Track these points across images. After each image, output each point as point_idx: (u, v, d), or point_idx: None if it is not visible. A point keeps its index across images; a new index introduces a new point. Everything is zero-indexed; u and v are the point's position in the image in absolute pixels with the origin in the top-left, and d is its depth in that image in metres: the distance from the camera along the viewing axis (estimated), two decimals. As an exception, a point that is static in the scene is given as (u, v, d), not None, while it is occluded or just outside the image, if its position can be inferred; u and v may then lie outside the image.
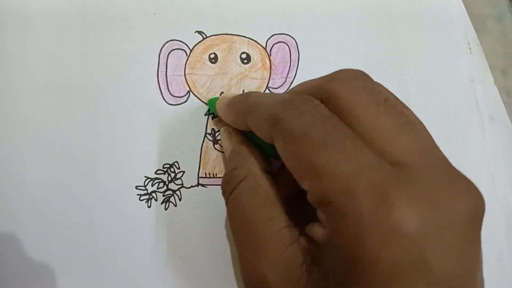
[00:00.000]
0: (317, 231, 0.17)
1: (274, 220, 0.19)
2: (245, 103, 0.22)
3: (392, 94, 0.20)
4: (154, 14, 0.31)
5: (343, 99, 0.18)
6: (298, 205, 0.20)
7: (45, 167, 0.28)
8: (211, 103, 0.28)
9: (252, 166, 0.22)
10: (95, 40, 0.30)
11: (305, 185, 0.17)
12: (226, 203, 0.22)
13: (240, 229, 0.20)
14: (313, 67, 0.31)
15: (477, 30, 0.34)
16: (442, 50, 0.33)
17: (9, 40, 0.29)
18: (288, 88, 0.31)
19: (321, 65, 0.31)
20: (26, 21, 0.30)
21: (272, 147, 0.20)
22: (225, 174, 0.23)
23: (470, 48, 0.34)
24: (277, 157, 0.22)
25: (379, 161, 0.16)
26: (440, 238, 0.15)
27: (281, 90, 0.31)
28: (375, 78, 0.32)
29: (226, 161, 0.25)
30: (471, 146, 0.32)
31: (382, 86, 0.20)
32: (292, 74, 0.31)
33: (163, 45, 0.30)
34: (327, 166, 0.16)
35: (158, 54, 0.30)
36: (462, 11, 0.34)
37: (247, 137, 0.25)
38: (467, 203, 0.15)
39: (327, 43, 0.32)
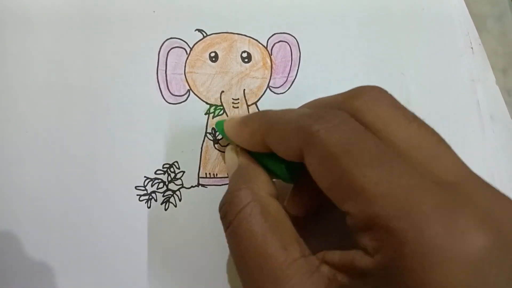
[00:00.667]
0: (361, 259, 0.15)
1: (288, 249, 0.17)
2: (263, 118, 0.21)
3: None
4: (154, 12, 0.30)
5: (371, 115, 0.17)
6: (309, 230, 0.19)
7: (45, 167, 0.27)
8: (219, 125, 0.26)
9: (259, 189, 0.20)
10: (95, 39, 0.29)
11: (348, 207, 0.16)
12: (227, 228, 0.20)
13: (248, 260, 0.18)
14: (314, 66, 0.31)
15: (477, 29, 0.34)
16: (442, 50, 0.33)
17: (9, 40, 0.29)
18: (289, 87, 0.31)
19: (322, 64, 0.31)
20: (26, 21, 0.29)
21: (283, 169, 0.19)
22: (227, 194, 0.20)
23: (472, 48, 0.34)
24: (289, 179, 0.21)
25: (430, 182, 0.15)
26: (507, 258, 0.14)
27: (282, 90, 0.30)
28: (376, 77, 0.33)
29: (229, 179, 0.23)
30: (471, 146, 0.32)
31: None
32: (293, 73, 0.31)
33: (163, 43, 0.30)
34: (378, 187, 0.15)
35: (157, 53, 0.30)
36: (463, 10, 0.34)
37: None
38: None
39: (328, 42, 0.32)
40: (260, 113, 0.22)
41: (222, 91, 0.30)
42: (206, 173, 0.28)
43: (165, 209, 0.28)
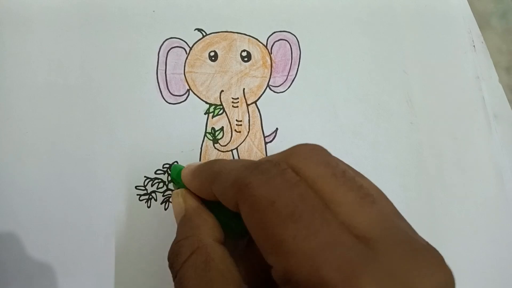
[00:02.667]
0: None
1: None
2: (210, 169, 0.21)
3: (350, 167, 0.19)
4: (154, 12, 0.30)
5: (303, 173, 0.17)
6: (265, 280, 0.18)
7: (44, 167, 0.27)
8: (174, 170, 0.27)
9: (204, 236, 0.20)
10: (94, 38, 0.29)
11: (270, 260, 0.16)
12: (174, 279, 0.20)
13: None
14: (314, 65, 0.31)
15: (480, 27, 0.34)
16: (445, 48, 0.33)
17: (8, 40, 0.29)
18: (289, 86, 0.30)
19: (323, 62, 0.31)
20: (26, 20, 0.29)
21: (237, 221, 0.19)
22: (173, 243, 0.21)
23: (474, 46, 0.33)
24: (241, 232, 0.21)
25: (347, 237, 0.15)
26: None
27: (282, 88, 0.30)
28: (377, 76, 0.32)
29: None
30: (477, 144, 0.31)
31: (339, 159, 0.19)
32: (293, 72, 0.31)
33: (162, 43, 0.30)
34: (294, 242, 0.15)
35: (157, 52, 0.30)
36: (466, 8, 0.34)
37: (212, 211, 0.23)
38: (435, 280, 0.15)
39: (328, 40, 0.32)
40: (209, 163, 0.22)
41: (222, 91, 0.30)
42: (205, 173, 0.28)
43: (165, 209, 0.28)
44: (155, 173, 0.28)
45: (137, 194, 0.28)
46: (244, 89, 0.30)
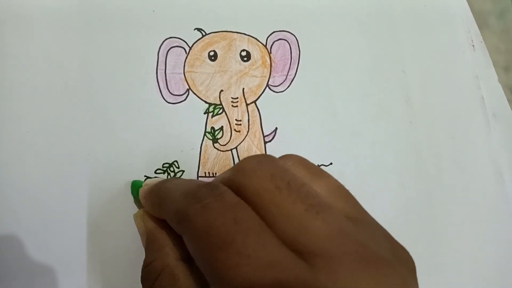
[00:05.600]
0: None
1: None
2: (157, 195, 0.22)
3: (307, 168, 0.19)
4: (153, 11, 0.30)
5: (248, 189, 0.17)
6: None
7: (44, 166, 0.27)
8: (133, 187, 0.27)
9: (167, 257, 0.20)
10: (94, 38, 0.29)
11: None
12: None
13: None
14: (314, 65, 0.31)
15: (479, 26, 0.34)
16: (444, 47, 0.33)
17: (8, 39, 0.29)
18: (289, 86, 0.30)
19: (322, 62, 0.31)
20: (26, 20, 0.29)
21: None
22: (142, 269, 0.21)
23: (473, 45, 0.33)
24: None
25: (284, 254, 0.15)
26: None
27: (281, 88, 0.30)
28: (376, 75, 0.32)
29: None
30: (476, 143, 0.31)
31: (294, 163, 0.19)
32: (292, 72, 0.31)
33: (162, 43, 0.30)
34: (229, 271, 0.15)
35: (157, 52, 0.30)
36: (465, 7, 0.34)
37: None
38: None
39: (328, 40, 0.32)
40: (158, 186, 0.22)
41: (221, 90, 0.30)
42: (205, 172, 0.28)
43: (165, 209, 0.28)
44: (155, 172, 0.28)
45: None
46: (243, 88, 0.30)
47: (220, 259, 0.15)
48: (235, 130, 0.29)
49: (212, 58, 0.30)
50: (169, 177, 0.28)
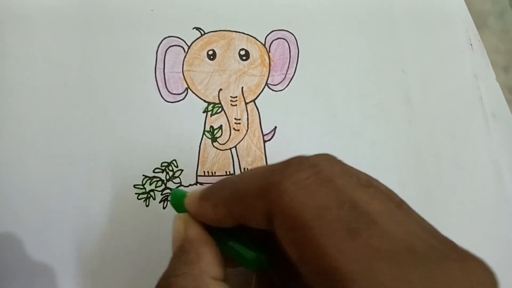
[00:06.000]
0: None
1: None
2: (224, 186, 0.18)
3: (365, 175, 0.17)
4: (152, 10, 0.30)
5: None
6: None
7: (44, 166, 0.27)
8: (174, 196, 0.21)
9: (202, 275, 0.17)
10: (93, 38, 0.29)
11: (320, 286, 0.14)
12: None
13: None
14: (313, 64, 0.31)
15: (478, 27, 0.34)
16: (443, 47, 0.33)
17: (8, 39, 0.29)
18: (288, 85, 0.30)
19: (321, 61, 0.31)
20: (25, 20, 0.29)
21: (252, 250, 0.17)
22: (162, 280, 0.18)
23: (471, 45, 0.33)
24: (255, 265, 0.18)
25: (400, 249, 0.14)
26: None
27: (280, 87, 0.30)
28: (375, 75, 0.32)
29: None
30: (475, 142, 0.31)
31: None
32: (291, 71, 0.31)
33: (161, 42, 0.30)
34: (355, 266, 0.13)
35: (155, 51, 0.30)
36: (463, 7, 0.34)
37: (219, 240, 0.19)
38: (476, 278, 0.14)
39: (327, 39, 0.32)
40: (220, 182, 0.19)
41: (220, 89, 0.30)
42: (204, 171, 0.28)
43: (164, 208, 0.27)
44: (154, 171, 0.28)
45: (136, 193, 0.28)
46: (242, 87, 0.30)
47: (343, 252, 0.13)
48: (234, 129, 0.29)
49: (211, 57, 0.30)
50: (167, 176, 0.28)
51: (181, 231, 0.19)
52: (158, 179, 0.28)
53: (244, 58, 0.30)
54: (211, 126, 0.29)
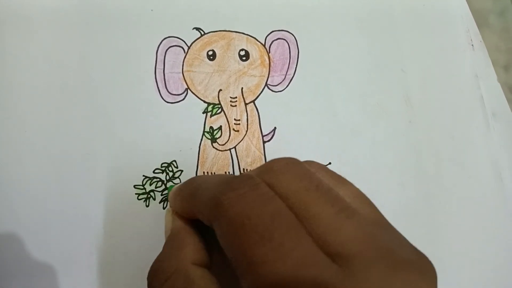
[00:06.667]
0: None
1: None
2: (188, 188, 0.21)
3: (330, 174, 0.19)
4: (152, 10, 0.30)
5: (277, 189, 0.17)
6: None
7: (43, 166, 0.27)
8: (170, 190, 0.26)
9: (184, 258, 0.19)
10: (93, 38, 0.29)
11: (243, 282, 0.16)
12: None
13: None
14: (313, 64, 0.31)
15: (479, 25, 0.34)
16: (443, 46, 0.33)
17: (7, 39, 0.29)
18: (288, 85, 0.30)
19: (321, 61, 0.31)
20: (25, 20, 0.29)
21: None
22: (153, 264, 0.20)
23: (472, 44, 0.33)
24: None
25: (319, 256, 0.15)
26: None
27: (280, 88, 0.30)
28: (375, 74, 0.32)
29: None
30: (476, 142, 0.31)
31: (317, 168, 0.19)
32: (291, 71, 0.31)
33: (161, 42, 0.30)
34: (265, 265, 0.15)
35: (155, 51, 0.30)
36: (464, 6, 0.34)
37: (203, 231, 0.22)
38: None
39: (327, 39, 0.32)
40: (189, 181, 0.22)
41: (220, 90, 0.30)
42: (204, 172, 0.28)
43: (164, 208, 0.28)
44: (154, 172, 0.28)
45: (136, 193, 0.28)
46: (242, 88, 0.30)
47: (256, 253, 0.15)
48: (233, 129, 0.29)
49: (211, 57, 0.30)
50: (167, 176, 0.28)
51: (169, 222, 0.22)
52: (158, 179, 0.28)
53: (244, 58, 0.30)
54: (211, 127, 0.29)
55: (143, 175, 0.28)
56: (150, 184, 0.28)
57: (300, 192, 0.17)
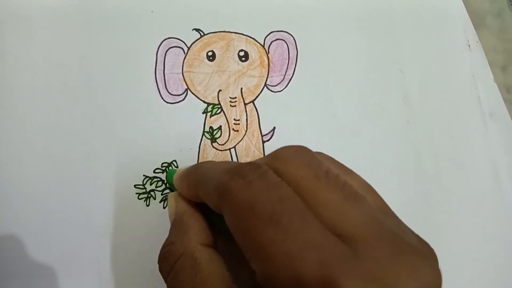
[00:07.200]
0: None
1: None
2: (195, 173, 0.22)
3: (336, 164, 0.19)
4: (152, 12, 0.30)
5: (286, 176, 0.17)
6: None
7: (43, 166, 0.27)
8: (169, 175, 0.27)
9: (190, 241, 0.20)
10: (93, 38, 0.30)
11: (252, 265, 0.16)
12: (166, 283, 0.20)
13: None
14: (312, 64, 0.31)
15: (476, 26, 0.34)
16: (441, 47, 0.33)
17: (7, 39, 0.29)
18: (287, 86, 0.31)
19: (320, 62, 0.31)
20: (25, 20, 0.29)
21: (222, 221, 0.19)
22: (162, 248, 0.21)
23: (469, 45, 0.33)
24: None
25: (327, 238, 0.15)
26: None
27: (279, 88, 0.30)
28: (374, 75, 0.33)
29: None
30: (473, 142, 0.32)
31: (325, 158, 0.19)
32: (290, 72, 0.31)
33: (161, 43, 0.30)
34: (274, 246, 0.15)
35: (155, 52, 0.30)
36: (461, 7, 0.34)
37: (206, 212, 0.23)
38: (419, 281, 0.15)
39: (325, 39, 0.32)
40: (195, 166, 0.23)
41: (220, 90, 0.30)
42: (204, 172, 0.28)
43: (164, 207, 0.28)
44: (154, 172, 0.28)
45: (136, 193, 0.28)
46: (241, 88, 0.30)
47: (265, 235, 0.15)
48: (233, 129, 0.29)
49: (211, 58, 0.30)
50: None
51: (173, 207, 0.23)
52: (158, 179, 0.28)
53: (243, 59, 0.30)
54: (211, 127, 0.29)
55: (144, 175, 0.28)
56: (151, 184, 0.28)
57: (309, 178, 0.17)
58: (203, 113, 0.29)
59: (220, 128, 0.29)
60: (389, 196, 0.30)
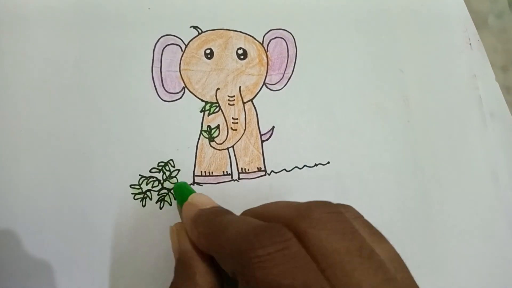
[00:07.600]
0: None
1: None
2: (208, 228, 0.20)
3: (367, 227, 0.18)
4: (149, 9, 0.30)
5: (314, 242, 0.16)
6: None
7: (40, 166, 0.27)
8: (179, 191, 0.26)
9: (196, 284, 0.20)
10: (89, 36, 0.29)
11: None
12: None
13: None
14: (311, 63, 0.31)
15: (477, 26, 0.34)
16: (441, 47, 0.33)
17: (4, 38, 0.29)
18: (286, 84, 0.30)
19: (319, 60, 0.31)
20: (21, 19, 0.29)
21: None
22: None
23: (470, 44, 0.33)
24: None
25: None
26: None
27: (278, 86, 0.30)
28: (373, 74, 0.32)
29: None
30: (473, 142, 0.31)
31: (354, 218, 0.18)
32: (289, 70, 0.31)
33: (158, 40, 0.30)
34: None
35: (152, 50, 0.29)
36: (462, 7, 0.34)
37: None
38: None
39: (325, 38, 0.32)
40: (210, 217, 0.21)
41: (218, 88, 0.29)
42: (201, 171, 0.28)
43: (160, 208, 0.27)
44: (150, 171, 0.28)
45: (132, 193, 0.27)
46: (240, 87, 0.30)
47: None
48: (231, 128, 0.29)
49: (209, 56, 0.30)
50: (164, 176, 0.28)
51: (175, 243, 0.23)
52: (154, 179, 0.28)
53: (242, 57, 0.30)
54: (208, 126, 0.29)
55: (140, 175, 0.28)
56: (147, 184, 0.27)
57: (341, 254, 0.16)
58: (200, 111, 0.29)
59: (218, 127, 0.29)
60: (387, 195, 0.30)
